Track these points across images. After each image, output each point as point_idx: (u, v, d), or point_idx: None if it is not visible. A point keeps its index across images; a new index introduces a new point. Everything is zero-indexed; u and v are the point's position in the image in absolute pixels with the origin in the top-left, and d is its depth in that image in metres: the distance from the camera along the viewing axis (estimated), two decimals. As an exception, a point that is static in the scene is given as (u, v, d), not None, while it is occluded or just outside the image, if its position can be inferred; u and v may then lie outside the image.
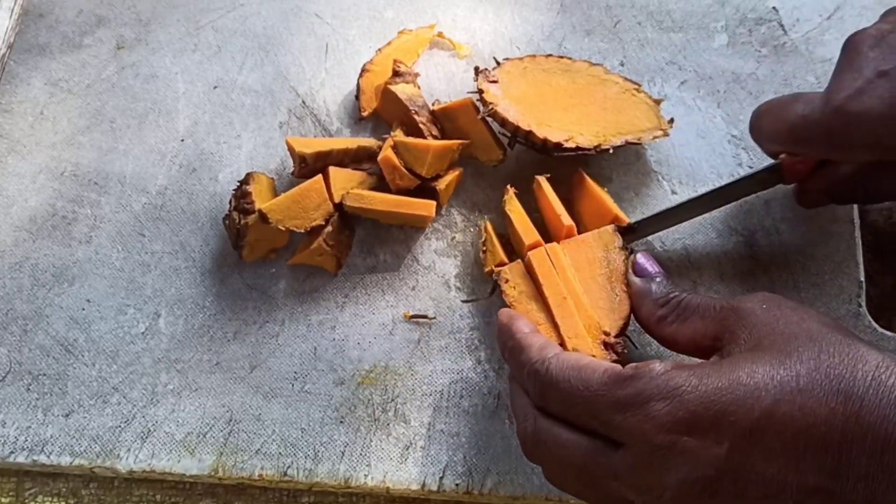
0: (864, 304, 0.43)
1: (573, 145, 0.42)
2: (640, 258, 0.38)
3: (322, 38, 0.50)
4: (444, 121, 0.45)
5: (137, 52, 0.50)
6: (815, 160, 0.41)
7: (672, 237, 0.44)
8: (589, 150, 0.42)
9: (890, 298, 0.45)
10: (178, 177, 0.47)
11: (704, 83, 0.48)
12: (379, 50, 0.49)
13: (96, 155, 0.47)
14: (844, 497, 0.27)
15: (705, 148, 0.47)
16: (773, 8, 0.50)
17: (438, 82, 0.49)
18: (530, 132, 0.43)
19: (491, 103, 0.43)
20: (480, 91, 0.44)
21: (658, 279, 0.37)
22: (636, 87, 0.45)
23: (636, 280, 0.38)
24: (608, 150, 0.43)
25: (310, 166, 0.43)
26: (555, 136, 0.42)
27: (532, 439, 0.34)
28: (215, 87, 0.49)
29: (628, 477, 0.30)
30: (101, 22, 0.51)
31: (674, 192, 0.46)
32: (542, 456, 0.34)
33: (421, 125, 0.44)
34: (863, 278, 0.43)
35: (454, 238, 0.45)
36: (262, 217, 0.41)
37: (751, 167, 0.46)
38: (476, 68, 0.45)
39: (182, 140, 0.48)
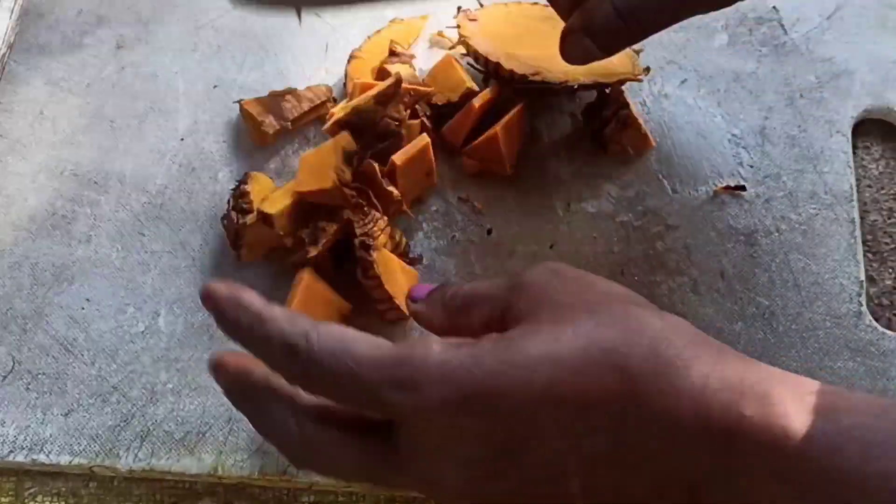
0: (864, 303, 0.43)
1: (539, 79, 0.43)
2: (412, 291, 0.37)
3: (322, 38, 0.51)
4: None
5: (137, 52, 0.51)
6: None
7: (673, 235, 0.45)
8: (554, 84, 0.43)
9: (890, 298, 0.45)
10: (177, 176, 0.47)
11: (705, 82, 0.49)
12: (369, 37, 0.49)
13: (96, 154, 0.48)
14: (627, 466, 0.27)
15: (706, 147, 0.47)
16: (774, 7, 0.51)
17: (438, 81, 0.49)
18: (498, 64, 0.44)
19: (465, 36, 0.45)
20: (458, 26, 0.45)
21: (428, 297, 0.36)
22: None
23: (413, 306, 0.36)
24: (573, 87, 0.44)
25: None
26: (521, 70, 0.43)
27: (297, 444, 0.31)
28: (215, 87, 0.49)
29: (409, 466, 0.29)
30: (101, 22, 0.51)
31: (674, 192, 0.46)
32: (313, 460, 0.31)
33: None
34: (863, 278, 0.43)
35: (454, 237, 0.45)
36: (268, 222, 0.41)
37: (752, 166, 0.47)
38: (458, 7, 0.46)
39: (182, 139, 0.48)
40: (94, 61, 0.50)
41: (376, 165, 0.42)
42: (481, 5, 0.47)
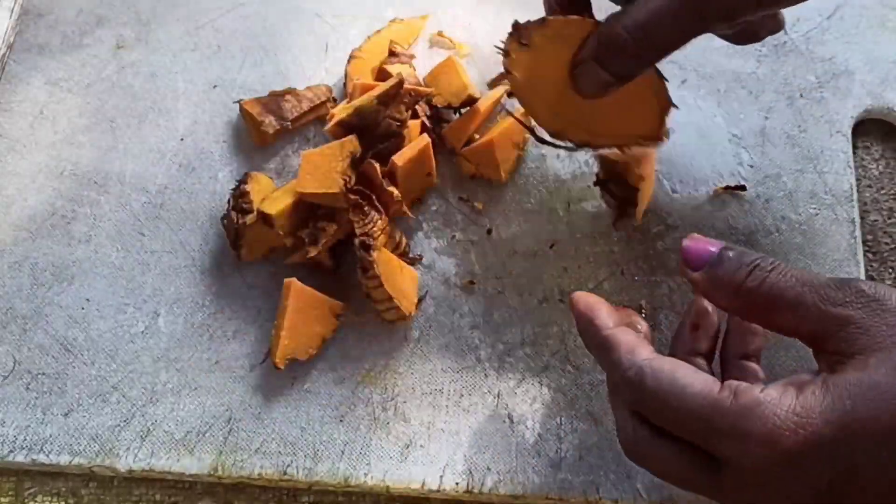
0: (864, 303, 0.43)
1: (556, 141, 0.41)
2: (687, 244, 0.33)
3: (322, 38, 0.51)
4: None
5: (137, 52, 0.51)
6: None
7: (673, 236, 0.45)
8: (572, 147, 0.41)
9: (890, 297, 0.45)
10: (177, 176, 0.47)
11: (705, 83, 0.49)
12: (369, 37, 0.49)
13: (96, 154, 0.48)
14: None
15: (706, 147, 0.47)
16: (774, 7, 0.51)
17: (438, 81, 0.49)
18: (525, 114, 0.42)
19: (511, 70, 0.39)
20: (506, 53, 0.39)
21: (715, 270, 0.32)
22: (659, 77, 0.39)
23: (694, 275, 0.33)
24: (590, 152, 0.43)
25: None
26: (540, 132, 0.41)
27: (632, 448, 0.33)
28: (215, 87, 0.50)
29: (730, 496, 0.30)
30: (101, 21, 0.51)
31: (674, 192, 0.46)
32: (644, 463, 0.33)
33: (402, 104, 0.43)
34: (864, 278, 0.44)
35: (454, 237, 0.45)
36: (268, 222, 0.41)
37: (752, 166, 0.47)
38: (515, 24, 0.39)
39: (182, 139, 0.48)
40: (94, 61, 0.50)
41: (377, 166, 0.42)
42: (544, 21, 0.39)
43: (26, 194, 0.47)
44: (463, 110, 0.46)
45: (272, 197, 0.43)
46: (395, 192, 0.42)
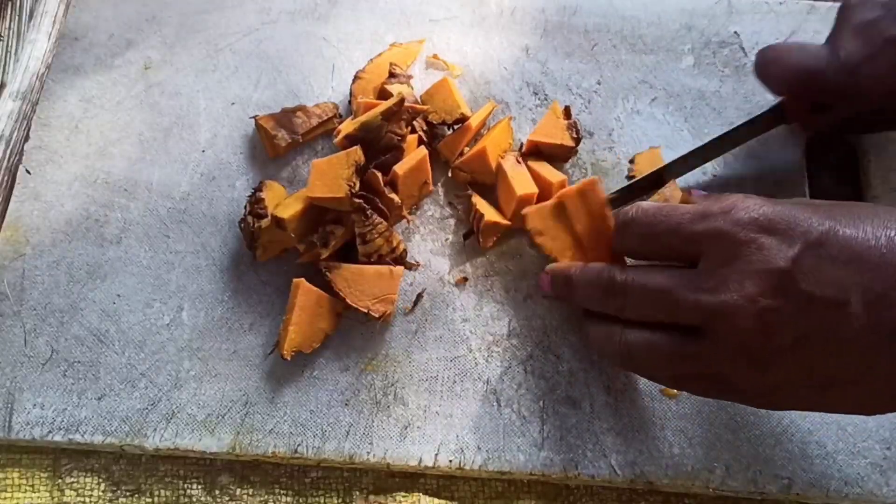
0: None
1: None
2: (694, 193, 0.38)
3: (329, 60, 0.50)
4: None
5: (163, 72, 0.50)
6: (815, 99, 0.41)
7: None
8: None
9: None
10: (199, 184, 0.47)
11: (673, 100, 0.48)
12: (371, 59, 0.49)
13: (126, 164, 0.47)
14: None
15: (674, 158, 0.47)
16: (735, 32, 0.50)
17: (434, 99, 0.49)
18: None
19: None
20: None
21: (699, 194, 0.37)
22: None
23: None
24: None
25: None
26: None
27: (624, 352, 0.34)
28: (233, 104, 0.49)
29: (710, 357, 0.31)
30: (130, 45, 0.51)
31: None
32: (635, 364, 0.34)
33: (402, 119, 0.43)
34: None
35: (447, 239, 0.45)
36: (281, 225, 0.41)
37: (715, 175, 0.46)
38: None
39: (203, 151, 0.48)
40: (124, 80, 0.50)
41: (379, 175, 0.42)
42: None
43: (63, 200, 0.46)
44: (456, 126, 0.45)
45: (284, 203, 0.43)
46: (396, 198, 0.42)
